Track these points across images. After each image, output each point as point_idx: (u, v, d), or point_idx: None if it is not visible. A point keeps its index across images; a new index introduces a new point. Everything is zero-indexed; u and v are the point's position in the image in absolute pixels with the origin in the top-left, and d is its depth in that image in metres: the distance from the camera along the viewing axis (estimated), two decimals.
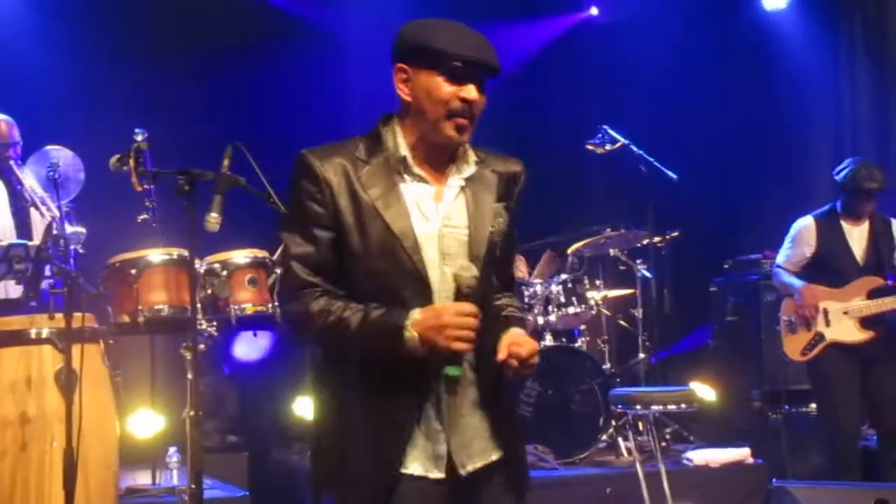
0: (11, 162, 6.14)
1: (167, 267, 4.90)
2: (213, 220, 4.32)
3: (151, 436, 6.47)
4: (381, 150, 3.00)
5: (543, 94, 9.27)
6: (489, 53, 2.97)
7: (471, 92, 2.95)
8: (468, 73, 2.94)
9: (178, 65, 8.12)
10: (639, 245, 7.72)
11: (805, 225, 6.65)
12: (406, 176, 2.99)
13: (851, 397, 6.46)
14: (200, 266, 4.92)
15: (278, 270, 5.12)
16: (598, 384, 7.07)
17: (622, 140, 7.49)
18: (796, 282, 6.58)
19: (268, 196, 4.67)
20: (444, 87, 2.94)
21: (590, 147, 7.56)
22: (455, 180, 3.03)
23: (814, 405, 7.18)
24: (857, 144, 8.90)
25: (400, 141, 3.01)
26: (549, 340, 7.29)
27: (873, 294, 6.45)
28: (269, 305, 5.05)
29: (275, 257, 5.11)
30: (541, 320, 7.34)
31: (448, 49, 2.92)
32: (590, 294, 7.44)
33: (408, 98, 2.99)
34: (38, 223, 6.45)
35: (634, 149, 7.47)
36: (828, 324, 6.45)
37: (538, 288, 7.38)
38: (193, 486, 4.34)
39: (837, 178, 6.55)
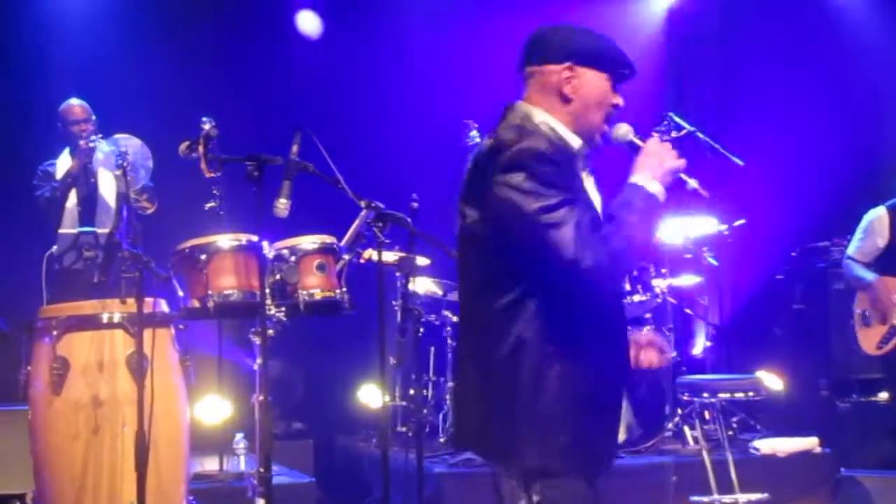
0: (90, 143, 6.27)
1: (236, 252, 4.91)
2: (283, 205, 4.35)
3: (219, 422, 6.52)
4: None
5: None
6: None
7: (621, 100, 3.14)
8: (623, 82, 3.15)
9: (243, 52, 8.19)
10: (704, 233, 7.65)
11: (878, 216, 6.56)
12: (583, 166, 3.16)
13: None
14: (269, 252, 4.93)
15: (346, 256, 5.14)
16: (664, 372, 7.02)
17: (688, 127, 7.41)
18: (869, 275, 6.49)
19: (336, 181, 4.70)
20: (610, 92, 3.12)
21: (655, 135, 7.48)
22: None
23: (882, 394, 7.09)
24: None
25: (568, 134, 3.12)
26: None
27: None
28: (337, 291, 5.06)
29: (342, 243, 5.13)
30: None
31: (622, 59, 3.13)
32: (655, 282, 7.37)
33: (572, 96, 3.10)
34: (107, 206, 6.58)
35: (700, 136, 7.39)
36: None
37: None
38: (262, 470, 4.39)
39: None
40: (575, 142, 3.11)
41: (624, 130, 3.19)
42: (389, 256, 5.55)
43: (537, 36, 3.19)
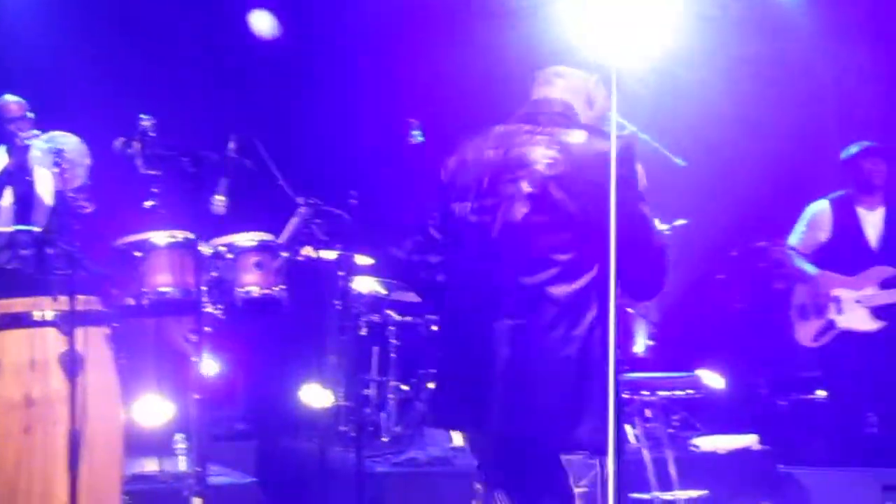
0: (26, 140, 6.18)
1: (172, 250, 4.87)
2: (220, 202, 4.33)
3: (159, 423, 6.45)
4: None
5: None
6: None
7: None
8: None
9: (181, 51, 8.13)
10: None
11: (820, 209, 6.61)
12: None
13: (860, 385, 6.44)
14: (206, 249, 4.89)
15: (284, 254, 5.11)
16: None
17: (630, 127, 7.44)
18: (810, 268, 6.55)
19: (275, 178, 4.69)
20: None
21: None
22: None
23: (820, 392, 7.16)
24: (866, 128, 8.83)
25: None
26: None
27: (886, 283, 6.41)
28: (275, 288, 5.03)
29: (280, 240, 5.10)
30: None
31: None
32: None
33: (596, 103, 3.64)
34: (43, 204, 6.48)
35: (641, 135, 7.42)
36: (840, 311, 6.42)
37: None
38: (198, 469, 4.35)
39: (844, 161, 6.52)
40: None
41: None
42: (328, 254, 5.53)
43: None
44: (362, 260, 6.97)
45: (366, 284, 7.40)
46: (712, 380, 7.50)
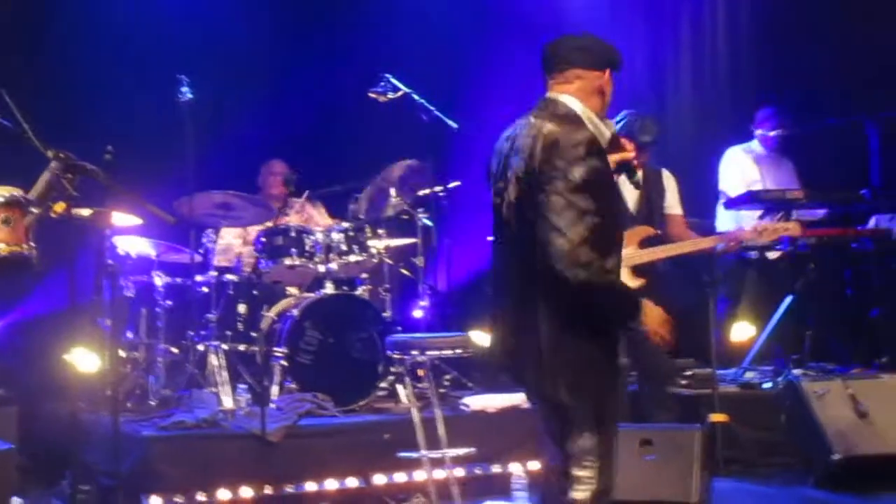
0: None
1: None
2: None
3: None
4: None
5: (325, 41, 9.19)
6: None
7: None
8: None
9: None
10: (420, 194, 7.72)
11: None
12: None
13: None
14: None
15: (35, 210, 4.91)
16: (378, 332, 7.07)
17: (404, 89, 7.48)
18: None
19: (23, 130, 4.49)
20: None
21: (372, 95, 7.53)
22: None
23: None
24: (636, 97, 9.08)
25: (600, 123, 4.04)
26: (329, 289, 7.25)
27: (644, 243, 6.62)
28: (25, 246, 4.83)
29: (30, 195, 4.90)
30: (322, 268, 7.28)
31: (621, 65, 4.15)
32: (371, 243, 7.41)
33: (607, 96, 4.08)
34: None
35: (416, 97, 7.47)
36: None
37: (319, 236, 7.31)
38: None
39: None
40: (607, 131, 4.05)
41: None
42: (83, 211, 5.34)
43: (581, 43, 4.09)
44: (130, 220, 6.79)
45: (135, 245, 7.22)
46: (482, 339, 7.61)
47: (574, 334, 3.90)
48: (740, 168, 8.40)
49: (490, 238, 4.20)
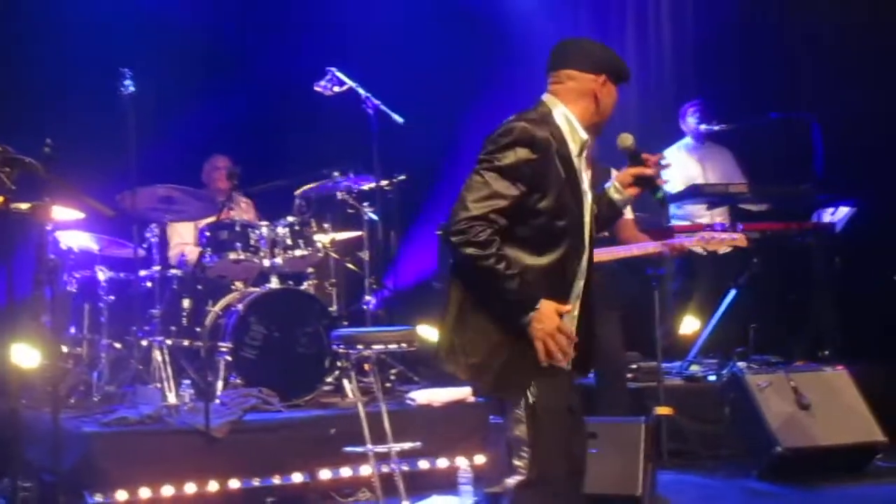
0: None
1: None
2: None
3: None
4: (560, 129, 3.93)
5: (269, 35, 9.15)
6: None
7: None
8: None
9: None
10: (366, 188, 7.69)
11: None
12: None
13: None
14: None
15: None
16: (324, 327, 7.04)
17: (350, 83, 7.44)
18: None
19: None
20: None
21: (318, 89, 7.48)
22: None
23: None
24: None
25: (579, 126, 3.97)
26: (275, 283, 7.21)
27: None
28: None
29: None
30: (267, 263, 7.25)
31: (628, 75, 4.08)
32: (317, 237, 7.38)
33: (601, 102, 4.00)
34: None
35: (361, 91, 7.43)
36: None
37: (264, 230, 7.27)
38: None
39: None
40: (584, 134, 3.96)
41: (629, 142, 4.11)
42: (21, 206, 5.26)
43: (577, 46, 4.08)
44: (71, 214, 6.71)
45: (77, 240, 7.14)
46: (428, 333, 7.61)
47: (476, 314, 3.82)
48: (680, 165, 8.41)
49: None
